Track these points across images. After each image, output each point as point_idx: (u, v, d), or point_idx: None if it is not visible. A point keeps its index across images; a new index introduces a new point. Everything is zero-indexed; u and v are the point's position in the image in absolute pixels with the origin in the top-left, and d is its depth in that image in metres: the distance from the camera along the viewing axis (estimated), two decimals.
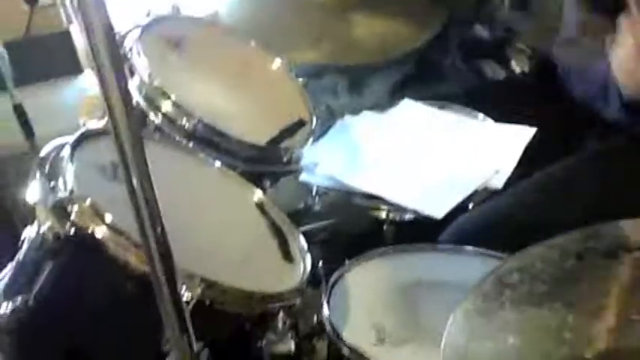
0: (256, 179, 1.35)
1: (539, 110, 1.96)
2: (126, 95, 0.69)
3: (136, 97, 1.29)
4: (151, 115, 1.28)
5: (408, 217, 1.42)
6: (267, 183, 1.42)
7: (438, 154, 1.55)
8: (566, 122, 1.70)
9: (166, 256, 0.76)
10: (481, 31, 2.22)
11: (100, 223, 0.94)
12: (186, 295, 0.91)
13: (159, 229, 0.75)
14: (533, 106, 2.01)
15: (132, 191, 0.74)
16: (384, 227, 1.43)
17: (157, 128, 1.26)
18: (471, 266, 1.19)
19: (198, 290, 0.92)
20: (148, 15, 1.45)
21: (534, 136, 1.56)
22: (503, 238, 1.25)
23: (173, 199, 1.09)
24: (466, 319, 0.76)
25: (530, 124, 1.59)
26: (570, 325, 0.71)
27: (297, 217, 1.37)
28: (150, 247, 0.76)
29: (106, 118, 0.73)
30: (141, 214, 0.74)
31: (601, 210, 1.19)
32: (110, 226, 0.93)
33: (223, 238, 1.12)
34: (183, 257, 0.93)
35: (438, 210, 1.40)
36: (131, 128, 0.71)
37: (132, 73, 1.30)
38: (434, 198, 1.42)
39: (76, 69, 1.84)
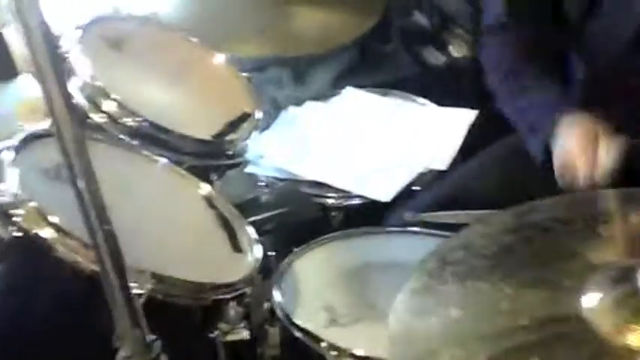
0: (203, 173, 1.36)
1: (480, 93, 2.02)
2: (67, 96, 0.70)
3: (79, 98, 1.29)
4: (94, 116, 1.28)
5: (355, 202, 1.44)
6: (215, 176, 1.43)
7: (383, 140, 1.58)
8: None
9: (116, 253, 0.77)
10: (420, 18, 2.26)
11: (46, 225, 0.94)
12: (137, 291, 0.92)
13: (107, 228, 0.76)
14: (473, 90, 2.06)
15: (78, 192, 0.75)
16: (332, 214, 1.45)
17: (100, 128, 1.26)
18: (418, 246, 1.22)
19: (149, 285, 0.93)
20: (87, 16, 1.44)
21: (476, 118, 1.60)
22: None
23: (119, 198, 1.09)
24: (411, 296, 0.80)
25: (472, 107, 1.63)
26: (507, 296, 0.75)
27: (246, 208, 1.38)
28: (99, 246, 0.77)
29: (48, 121, 0.73)
30: (88, 213, 0.75)
31: (535, 187, 1.25)
32: (57, 228, 0.94)
33: (172, 233, 1.13)
34: (133, 254, 0.94)
35: (384, 194, 1.43)
36: (74, 129, 0.71)
37: (73, 74, 1.29)
38: (380, 182, 1.45)
39: (11, 73, 1.81)
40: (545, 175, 1.21)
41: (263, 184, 1.53)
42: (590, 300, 0.73)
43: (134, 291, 0.87)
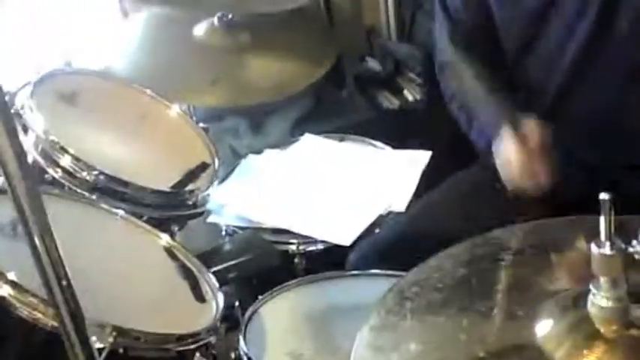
0: (164, 224, 1.35)
1: (433, 134, 2.07)
2: (19, 151, 0.70)
3: (33, 154, 1.28)
4: (50, 171, 1.27)
5: (317, 247, 1.45)
6: (175, 227, 1.43)
7: (342, 184, 1.60)
8: (457, 144, 1.79)
9: (74, 308, 0.76)
10: (373, 63, 2.31)
11: (3, 282, 0.92)
12: (98, 345, 0.91)
13: (64, 283, 0.75)
14: (426, 131, 2.11)
15: (34, 247, 0.74)
16: (295, 260, 1.46)
17: (56, 183, 1.26)
18: (379, 287, 1.23)
19: (110, 339, 0.92)
20: (38, 70, 1.44)
21: (430, 159, 1.63)
22: (402, 256, 1.30)
23: (78, 252, 1.09)
24: (371, 334, 0.80)
25: (426, 149, 1.66)
26: (464, 328, 0.76)
27: (208, 257, 1.38)
28: (57, 302, 0.76)
29: (1, 177, 0.73)
30: (45, 269, 0.75)
31: (491, 218, 1.28)
32: (14, 285, 0.92)
33: (133, 286, 1.12)
34: (93, 308, 0.93)
35: (345, 238, 1.44)
36: (28, 184, 0.71)
37: (26, 130, 1.29)
38: (341, 226, 1.47)
39: None
40: (502, 205, 1.25)
41: (224, 233, 1.53)
42: (544, 327, 0.74)
43: (95, 345, 0.86)
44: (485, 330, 0.76)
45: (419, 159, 1.64)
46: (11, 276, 0.93)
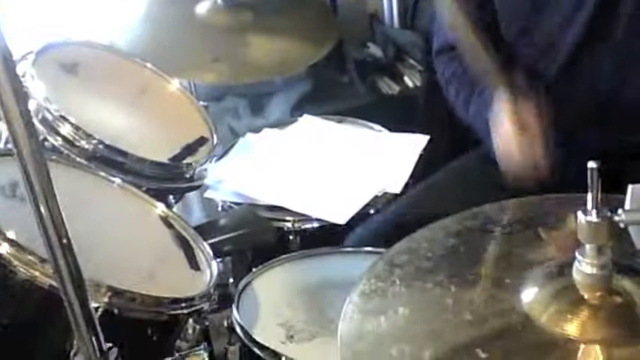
0: (161, 196, 1.36)
1: (431, 119, 2.08)
2: (27, 115, 0.71)
3: (34, 121, 1.29)
4: (50, 139, 1.28)
5: (312, 225, 1.46)
6: (172, 200, 1.44)
7: (339, 165, 1.61)
8: (455, 130, 1.80)
9: (74, 266, 0.78)
10: (375, 50, 2.33)
11: (2, 241, 0.94)
12: (93, 305, 0.92)
13: (65, 242, 0.77)
14: (426, 117, 2.12)
15: (37, 206, 0.76)
16: (290, 237, 1.47)
17: (56, 150, 1.27)
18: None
19: (105, 299, 0.93)
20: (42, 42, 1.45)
21: (427, 143, 1.64)
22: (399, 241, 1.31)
23: (75, 216, 1.10)
24: (361, 299, 0.82)
25: (423, 133, 1.67)
26: (452, 293, 0.78)
27: (204, 231, 1.39)
28: (57, 261, 0.77)
29: (5, 140, 0.74)
30: (47, 228, 0.76)
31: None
32: (13, 243, 0.94)
33: (129, 252, 1.14)
34: (90, 269, 0.95)
35: (340, 216, 1.45)
36: (33, 146, 0.72)
37: (27, 97, 1.29)
38: (336, 205, 1.48)
39: None
40: (500, 194, 1.26)
41: (221, 209, 1.54)
42: (530, 294, 0.76)
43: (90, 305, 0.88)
44: (473, 296, 0.77)
45: (416, 142, 1.64)
46: (10, 234, 0.94)
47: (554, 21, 1.25)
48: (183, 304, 1.04)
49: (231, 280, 1.55)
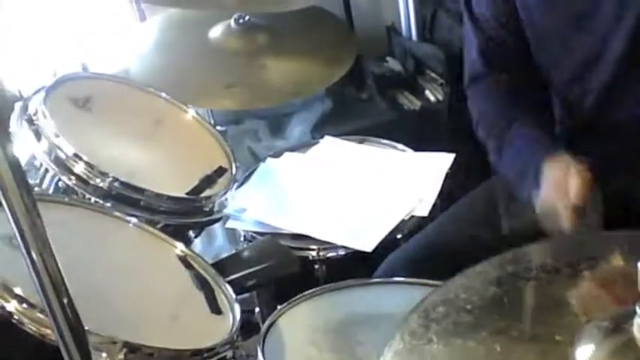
0: (180, 231, 1.32)
1: (455, 134, 2.02)
2: (14, 163, 0.66)
3: (46, 162, 1.26)
4: (64, 178, 1.25)
5: (338, 253, 1.42)
6: (192, 234, 1.40)
7: (363, 188, 1.56)
8: (481, 144, 1.74)
9: (77, 327, 0.73)
10: (394, 64, 2.27)
11: (10, 298, 0.89)
12: None
13: (65, 301, 0.72)
14: (449, 132, 2.06)
15: (33, 264, 0.71)
16: (316, 266, 1.42)
17: (69, 190, 1.23)
18: (402, 296, 1.19)
19: (121, 356, 0.89)
20: (55, 75, 1.42)
21: (454, 162, 1.59)
22: (434, 270, 1.25)
23: (88, 263, 1.06)
24: (395, 358, 0.75)
25: (448, 151, 1.61)
26: (497, 353, 0.71)
27: (227, 264, 1.35)
28: (58, 321, 0.72)
29: None
30: (44, 286, 0.71)
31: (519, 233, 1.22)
32: (21, 300, 0.89)
33: (147, 298, 1.09)
34: (105, 322, 0.90)
35: (367, 243, 1.40)
36: (23, 197, 0.68)
37: (39, 137, 1.26)
38: (362, 231, 1.43)
39: None
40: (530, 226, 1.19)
41: (243, 239, 1.50)
42: (585, 353, 0.69)
43: None
44: (521, 356, 0.70)
45: (442, 161, 1.59)
46: (18, 291, 0.90)
47: (594, 40, 1.17)
48: (205, 355, 0.99)
49: (257, 310, 1.51)
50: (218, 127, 1.60)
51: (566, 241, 0.86)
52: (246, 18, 1.70)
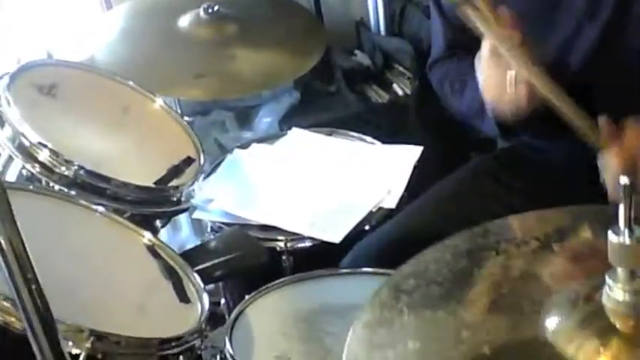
0: (147, 221, 1.31)
1: (422, 128, 2.03)
2: None
3: (10, 149, 1.23)
4: (28, 166, 1.22)
5: (306, 244, 1.42)
6: (159, 224, 1.38)
7: (331, 180, 1.56)
8: (448, 138, 1.76)
9: (45, 314, 0.72)
10: (363, 57, 2.28)
11: None
12: (74, 351, 0.86)
13: (34, 287, 0.71)
14: (417, 125, 2.08)
15: (1, 251, 0.70)
16: (283, 257, 1.42)
17: (34, 178, 1.21)
18: (371, 286, 1.19)
19: (88, 344, 0.87)
20: (19, 62, 1.40)
21: (421, 154, 1.60)
22: (400, 260, 1.26)
23: (55, 252, 1.04)
24: (365, 330, 0.76)
25: (416, 143, 1.62)
26: (467, 323, 0.72)
27: (194, 255, 1.34)
28: (26, 308, 0.71)
29: None
30: (13, 273, 0.70)
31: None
32: None
33: (114, 286, 1.08)
34: (72, 311, 0.89)
35: (335, 234, 1.40)
36: None
37: (2, 124, 1.24)
38: (330, 223, 1.43)
39: None
40: (500, 211, 1.20)
41: (210, 229, 1.49)
42: (553, 323, 0.70)
43: (72, 351, 0.82)
44: (490, 325, 0.71)
45: (410, 154, 1.60)
46: None
47: (567, 30, 1.19)
48: (173, 344, 0.98)
49: (222, 301, 1.50)
50: (185, 118, 1.58)
51: (536, 215, 0.87)
52: (215, 8, 1.68)
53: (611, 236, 0.66)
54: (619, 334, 0.67)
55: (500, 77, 1.11)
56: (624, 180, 0.64)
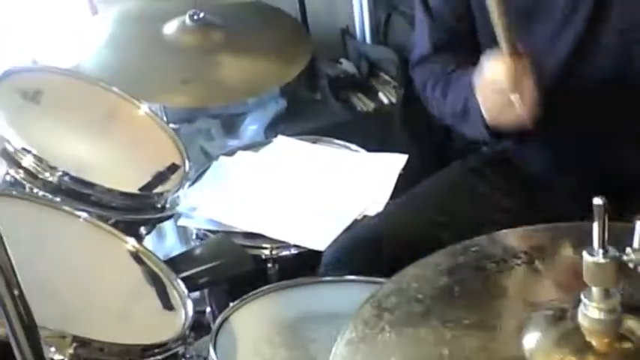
0: (132, 228, 1.30)
1: (408, 136, 2.04)
2: None
3: None
4: (11, 172, 1.22)
5: (291, 252, 1.42)
6: (144, 231, 1.38)
7: (316, 188, 1.57)
8: (433, 147, 1.77)
9: (28, 320, 0.71)
10: (348, 66, 2.29)
11: None
12: (57, 357, 0.85)
13: (16, 293, 0.70)
14: (402, 134, 2.09)
15: None
16: (268, 265, 1.42)
17: (18, 184, 1.20)
18: (356, 295, 1.19)
19: (70, 350, 0.87)
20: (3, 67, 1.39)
21: (406, 163, 1.60)
22: (376, 256, 1.28)
23: (38, 257, 1.04)
24: (348, 348, 0.76)
25: (401, 152, 1.63)
26: (447, 341, 0.73)
27: (178, 262, 1.33)
28: (8, 313, 0.71)
29: None
30: None
31: (461, 223, 1.25)
32: None
33: (97, 292, 1.07)
34: (53, 316, 0.88)
35: (320, 243, 1.40)
36: None
37: None
38: (315, 231, 1.43)
39: None
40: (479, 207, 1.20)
41: (195, 237, 1.49)
42: (531, 340, 0.71)
43: (55, 357, 0.81)
44: (470, 344, 0.72)
45: (395, 162, 1.61)
46: None
47: (546, 32, 1.21)
48: (156, 350, 0.98)
49: (208, 309, 1.50)
50: (171, 125, 1.58)
51: (516, 233, 0.88)
52: (201, 15, 1.69)
53: (586, 256, 0.67)
54: (595, 351, 0.68)
55: (501, 100, 1.11)
56: (598, 201, 0.65)
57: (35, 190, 1.21)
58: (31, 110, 1.33)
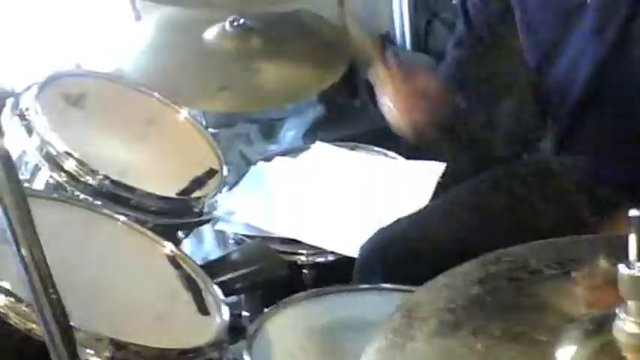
0: (170, 231, 1.32)
1: (447, 145, 2.02)
2: (7, 160, 0.66)
3: (37, 157, 1.25)
4: (54, 175, 1.24)
5: (327, 258, 1.42)
6: (181, 235, 1.39)
7: (353, 195, 1.56)
8: (472, 155, 1.75)
9: (64, 323, 0.72)
10: None
11: None
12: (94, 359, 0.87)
13: (54, 297, 0.71)
14: (441, 142, 2.07)
15: (22, 259, 0.70)
16: (304, 271, 1.42)
17: (60, 187, 1.22)
18: (388, 302, 1.19)
19: (107, 353, 0.88)
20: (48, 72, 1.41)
21: (445, 171, 1.59)
22: (405, 261, 1.29)
23: (78, 260, 1.05)
24: (377, 356, 0.75)
25: (440, 160, 1.62)
26: (478, 352, 0.71)
27: (215, 267, 1.34)
28: (45, 317, 0.72)
29: None
30: (32, 282, 0.71)
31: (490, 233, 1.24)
32: (8, 294, 0.88)
33: (134, 296, 1.08)
34: (92, 320, 0.89)
35: (356, 249, 1.40)
36: (15, 195, 0.67)
37: (30, 133, 1.25)
38: (351, 238, 1.43)
39: None
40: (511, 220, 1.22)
41: (232, 241, 1.49)
42: (566, 354, 0.69)
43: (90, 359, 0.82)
44: (501, 356, 0.70)
45: (433, 170, 1.59)
46: (6, 285, 0.89)
47: (581, 38, 1.20)
48: (191, 355, 0.98)
49: (244, 313, 1.50)
50: (210, 130, 1.59)
51: (550, 243, 0.87)
52: (241, 21, 1.70)
53: (622, 269, 0.65)
54: None
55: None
56: (635, 213, 0.64)
57: (76, 193, 1.23)
58: (74, 114, 1.35)
